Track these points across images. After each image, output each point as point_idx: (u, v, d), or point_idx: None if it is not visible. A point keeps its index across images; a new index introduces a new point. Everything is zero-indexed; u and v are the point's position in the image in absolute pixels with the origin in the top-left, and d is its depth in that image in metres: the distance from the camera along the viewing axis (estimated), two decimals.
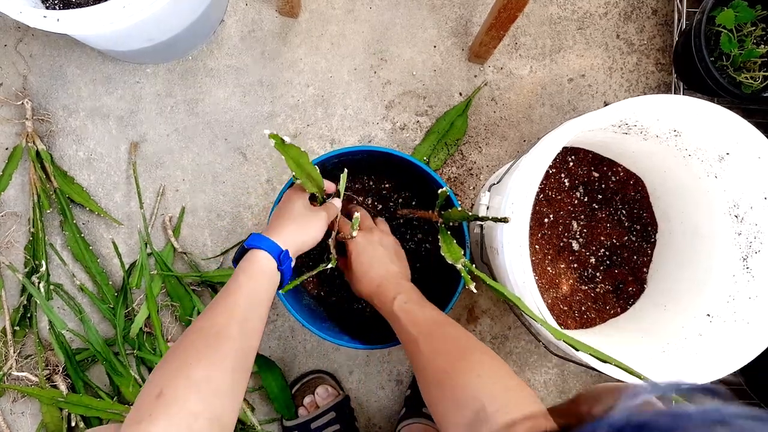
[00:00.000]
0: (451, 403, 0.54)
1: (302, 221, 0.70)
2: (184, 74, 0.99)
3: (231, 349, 0.56)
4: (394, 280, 0.72)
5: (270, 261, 0.65)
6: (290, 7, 0.97)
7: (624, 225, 0.89)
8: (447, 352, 0.59)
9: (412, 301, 0.67)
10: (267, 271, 0.64)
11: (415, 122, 1.00)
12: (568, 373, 1.01)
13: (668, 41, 1.03)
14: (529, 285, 0.63)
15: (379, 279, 0.72)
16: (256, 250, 0.65)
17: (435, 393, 0.57)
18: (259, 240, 0.66)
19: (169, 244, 0.97)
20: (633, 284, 0.88)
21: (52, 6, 0.87)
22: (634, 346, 0.77)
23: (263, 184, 0.99)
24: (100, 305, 0.95)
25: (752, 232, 0.73)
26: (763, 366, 0.69)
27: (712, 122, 0.68)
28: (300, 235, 0.69)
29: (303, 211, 0.70)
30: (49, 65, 0.99)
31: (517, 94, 1.02)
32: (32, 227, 0.95)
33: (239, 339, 0.58)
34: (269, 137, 0.63)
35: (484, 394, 0.52)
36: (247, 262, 0.64)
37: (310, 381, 0.96)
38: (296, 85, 1.00)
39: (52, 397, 0.91)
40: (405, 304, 0.67)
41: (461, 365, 0.56)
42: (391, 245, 0.77)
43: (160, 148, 0.99)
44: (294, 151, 0.67)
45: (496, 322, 1.00)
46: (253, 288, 0.62)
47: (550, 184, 0.88)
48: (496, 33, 0.88)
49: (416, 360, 0.62)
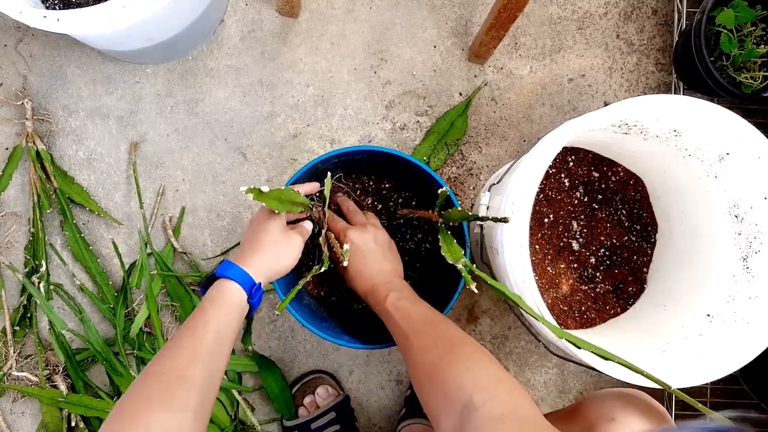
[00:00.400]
0: (441, 395, 0.54)
1: (277, 249, 0.67)
2: (184, 74, 0.99)
3: (194, 395, 0.53)
4: (387, 277, 0.72)
5: (240, 293, 0.62)
6: (290, 7, 0.97)
7: (624, 225, 0.89)
8: (436, 346, 0.59)
9: (404, 298, 0.67)
10: (236, 303, 0.61)
11: (415, 122, 1.01)
12: (568, 373, 1.01)
13: (668, 41, 1.03)
14: (529, 285, 0.63)
15: (373, 277, 0.72)
16: (226, 280, 0.62)
17: (426, 387, 0.57)
18: (231, 270, 0.62)
19: (169, 244, 0.97)
20: (633, 284, 0.88)
21: (52, 6, 0.87)
22: (634, 346, 0.77)
23: (263, 184, 0.99)
24: (100, 305, 0.95)
25: (752, 232, 0.73)
26: (763, 366, 0.69)
27: (712, 122, 0.68)
28: (274, 264, 0.66)
29: (277, 237, 0.67)
30: (49, 65, 0.99)
31: (517, 94, 1.02)
32: (32, 227, 0.95)
33: (203, 381, 0.54)
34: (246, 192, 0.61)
35: (473, 384, 0.52)
36: (217, 293, 0.61)
37: (310, 381, 0.96)
38: (296, 85, 1.00)
39: (52, 397, 0.91)
40: (398, 301, 0.66)
41: (450, 358, 0.56)
42: (384, 241, 0.76)
43: (160, 148, 0.99)
44: (273, 194, 0.65)
45: (496, 322, 1.00)
46: (222, 322, 0.59)
47: (550, 184, 0.88)
48: (496, 33, 0.88)
49: (408, 356, 0.62)
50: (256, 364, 0.94)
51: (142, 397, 0.51)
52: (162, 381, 0.53)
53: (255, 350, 0.96)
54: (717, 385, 0.99)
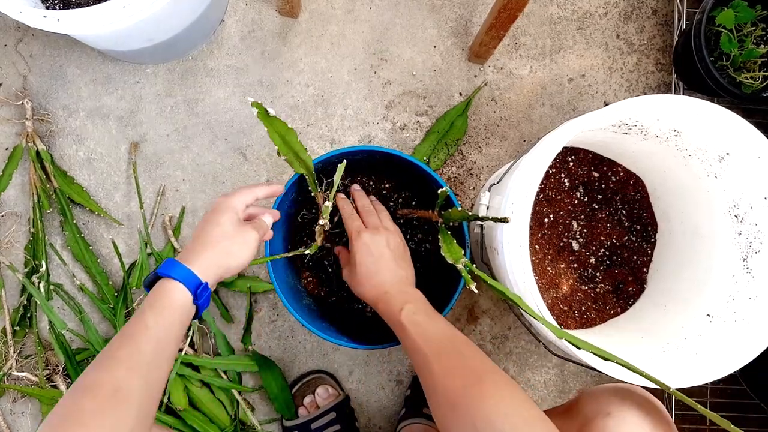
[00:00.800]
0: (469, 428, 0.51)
1: (227, 245, 0.60)
2: (184, 74, 0.99)
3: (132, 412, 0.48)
4: (401, 287, 0.68)
5: (185, 294, 0.56)
6: (290, 7, 0.97)
7: (624, 225, 0.89)
8: (462, 373, 0.56)
9: (420, 312, 0.63)
10: (180, 306, 0.55)
11: (415, 122, 1.00)
12: (568, 373, 1.01)
13: (668, 41, 1.03)
14: (529, 285, 0.63)
15: (385, 285, 0.68)
16: (168, 280, 0.56)
17: (449, 415, 0.54)
18: (174, 268, 0.56)
19: (169, 244, 0.97)
20: (633, 284, 0.88)
21: (52, 6, 0.87)
22: (634, 346, 0.77)
23: (263, 184, 0.99)
24: (100, 305, 0.95)
25: (752, 232, 0.73)
26: (763, 366, 0.69)
27: (712, 122, 0.68)
28: (224, 261, 0.60)
29: (229, 230, 0.61)
30: (49, 65, 0.99)
31: (517, 94, 1.02)
32: (32, 227, 0.95)
33: (141, 396, 0.49)
34: (251, 105, 0.56)
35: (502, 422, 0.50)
36: (157, 295, 0.55)
37: (310, 381, 0.96)
38: (296, 85, 1.00)
39: (52, 397, 0.91)
40: (414, 315, 0.63)
41: (478, 389, 0.53)
42: (397, 246, 0.73)
43: (160, 148, 0.99)
44: (279, 124, 0.61)
45: (496, 322, 1.00)
46: (162, 328, 0.53)
47: (550, 184, 0.88)
48: (496, 33, 0.88)
49: (427, 378, 0.58)
50: (256, 364, 0.94)
51: (73, 416, 0.46)
52: (96, 396, 0.47)
53: (255, 350, 0.96)
54: (717, 385, 0.99)
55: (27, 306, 0.95)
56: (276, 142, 0.62)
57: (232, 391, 0.95)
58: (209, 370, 0.94)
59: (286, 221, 0.84)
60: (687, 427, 0.99)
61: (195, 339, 0.96)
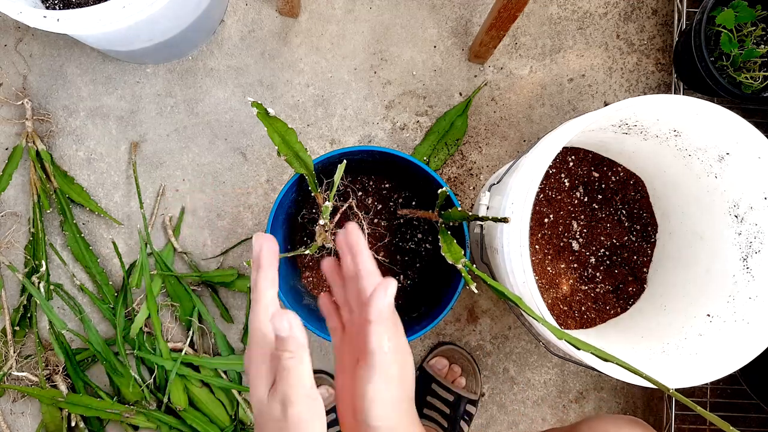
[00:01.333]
0: None
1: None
2: (184, 74, 0.99)
3: None
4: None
5: None
6: (290, 7, 0.97)
7: (624, 225, 0.89)
8: None
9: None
10: None
11: (415, 122, 1.00)
12: (568, 373, 1.01)
13: (668, 41, 1.03)
14: (529, 285, 0.63)
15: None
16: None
17: None
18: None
19: (169, 244, 0.97)
20: (633, 284, 0.88)
21: (52, 6, 0.87)
22: (634, 346, 0.77)
23: (263, 184, 0.99)
24: (100, 305, 0.95)
25: (752, 232, 0.73)
26: (763, 366, 0.69)
27: (712, 122, 0.68)
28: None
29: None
30: (49, 65, 0.99)
31: (517, 94, 1.02)
32: (32, 227, 0.95)
33: None
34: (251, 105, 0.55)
35: None
36: None
37: None
38: (296, 85, 1.00)
39: (52, 397, 0.91)
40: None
41: None
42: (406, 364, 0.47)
43: (160, 148, 0.99)
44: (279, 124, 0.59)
45: (496, 322, 1.00)
46: None
47: (550, 184, 0.88)
48: (496, 33, 0.88)
49: None
50: None
51: None
52: None
53: None
54: (717, 385, 0.99)
55: (27, 306, 0.95)
56: (276, 142, 0.62)
57: (232, 391, 0.95)
58: (209, 370, 0.94)
59: (286, 221, 0.84)
60: (686, 427, 0.99)
61: (195, 339, 0.96)
